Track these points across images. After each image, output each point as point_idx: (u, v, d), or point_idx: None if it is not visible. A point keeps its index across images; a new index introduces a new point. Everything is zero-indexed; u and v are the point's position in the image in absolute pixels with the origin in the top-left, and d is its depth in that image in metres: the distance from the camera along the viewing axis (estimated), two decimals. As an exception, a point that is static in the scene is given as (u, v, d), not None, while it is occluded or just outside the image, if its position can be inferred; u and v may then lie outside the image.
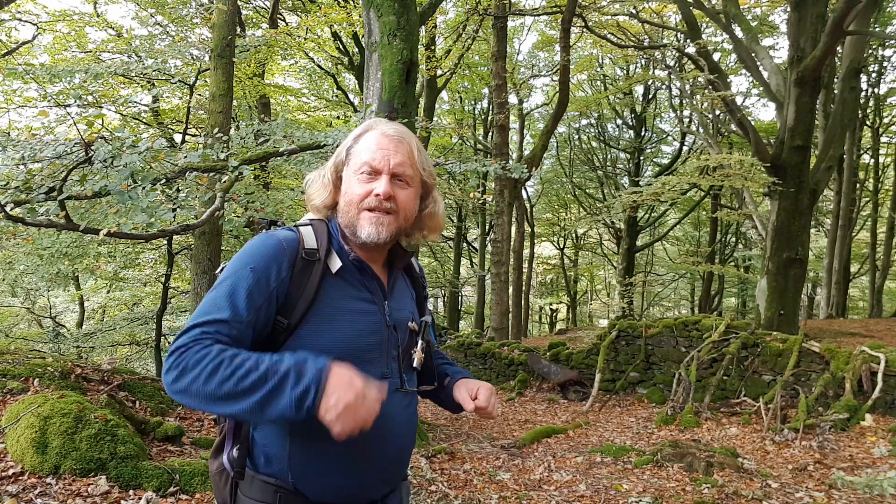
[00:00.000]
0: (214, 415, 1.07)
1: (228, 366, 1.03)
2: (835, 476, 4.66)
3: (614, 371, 8.73)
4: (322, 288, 1.21)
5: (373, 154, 1.26)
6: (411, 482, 4.05)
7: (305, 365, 1.03)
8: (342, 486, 1.21)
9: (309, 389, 1.01)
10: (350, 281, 1.26)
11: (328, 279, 1.23)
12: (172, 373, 1.05)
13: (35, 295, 14.24)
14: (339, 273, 1.24)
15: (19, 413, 3.18)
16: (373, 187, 1.25)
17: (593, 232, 25.24)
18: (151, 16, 11.44)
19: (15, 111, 10.41)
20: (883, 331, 10.48)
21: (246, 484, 1.22)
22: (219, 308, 1.12)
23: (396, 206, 1.26)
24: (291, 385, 1.01)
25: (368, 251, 1.29)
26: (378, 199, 1.24)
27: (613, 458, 5.29)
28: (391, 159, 1.26)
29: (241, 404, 1.01)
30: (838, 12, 8.16)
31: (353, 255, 1.27)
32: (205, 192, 5.36)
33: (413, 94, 5.49)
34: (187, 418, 4.40)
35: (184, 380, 1.03)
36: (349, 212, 1.27)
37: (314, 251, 1.23)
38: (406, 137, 1.30)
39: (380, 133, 1.29)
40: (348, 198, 1.27)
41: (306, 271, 1.21)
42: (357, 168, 1.27)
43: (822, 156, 10.13)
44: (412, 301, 1.43)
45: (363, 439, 1.18)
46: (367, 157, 1.26)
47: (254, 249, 1.21)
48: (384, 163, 1.25)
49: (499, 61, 12.51)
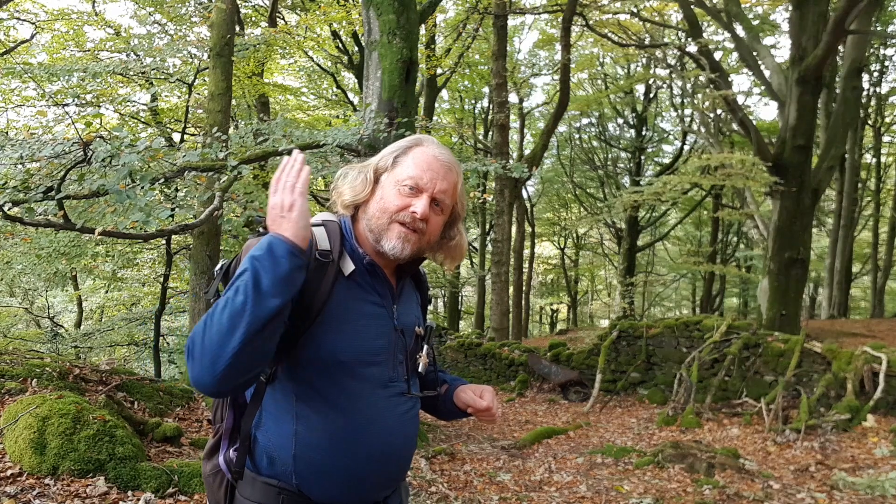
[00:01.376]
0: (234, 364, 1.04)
1: (217, 303, 1.06)
2: (836, 477, 4.64)
3: (615, 371, 8.71)
4: (335, 290, 1.21)
5: (422, 172, 1.26)
6: (411, 483, 4.04)
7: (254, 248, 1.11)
8: (346, 487, 1.21)
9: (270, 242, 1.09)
10: (361, 283, 1.26)
11: (340, 281, 1.23)
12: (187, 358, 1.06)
13: (33, 295, 14.23)
14: (351, 276, 1.25)
15: (17, 413, 3.17)
16: (412, 203, 1.25)
17: (594, 232, 25.23)
18: (150, 14, 11.41)
19: (13, 110, 10.40)
20: (885, 331, 10.46)
21: (245, 486, 1.22)
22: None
23: (426, 228, 1.27)
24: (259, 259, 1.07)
25: (383, 258, 1.29)
26: (414, 216, 1.24)
27: (614, 458, 5.26)
28: (438, 184, 1.27)
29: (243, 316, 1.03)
30: (840, 11, 8.14)
31: (367, 259, 1.27)
32: (203, 191, 5.34)
33: (413, 93, 5.47)
34: (186, 419, 4.38)
35: (195, 350, 1.04)
36: (380, 218, 1.26)
37: (328, 252, 1.23)
38: (455, 167, 1.32)
39: (432, 154, 1.29)
40: (383, 204, 1.26)
41: (319, 272, 1.21)
42: (401, 179, 1.26)
43: (824, 155, 10.11)
44: (418, 306, 1.43)
45: (368, 441, 1.19)
46: (414, 173, 1.26)
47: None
48: (430, 185, 1.26)
49: (499, 60, 12.49)
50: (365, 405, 1.21)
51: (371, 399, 1.23)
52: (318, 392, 1.19)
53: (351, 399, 1.20)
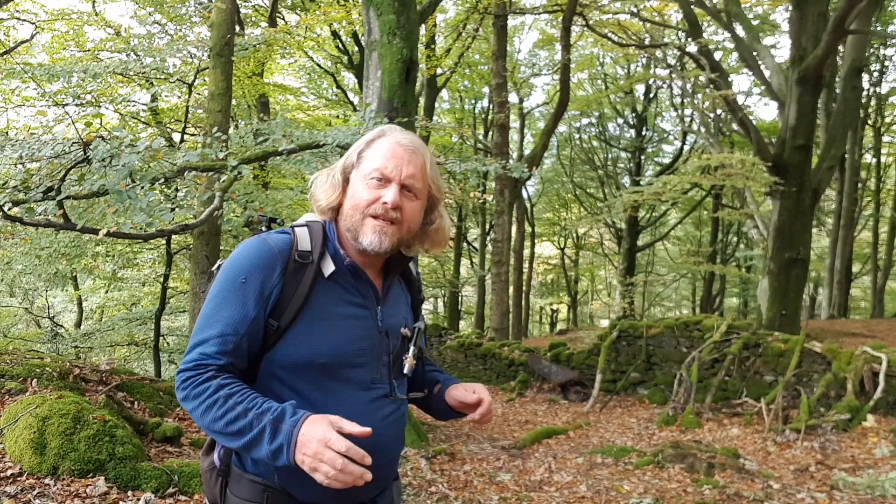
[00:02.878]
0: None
1: (221, 407, 1.12)
2: (836, 477, 4.64)
3: (615, 371, 8.71)
4: (313, 291, 1.21)
5: (385, 161, 1.25)
6: (411, 483, 4.03)
7: (282, 423, 1.09)
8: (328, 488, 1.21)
9: (282, 448, 1.07)
10: (343, 285, 1.25)
11: (320, 282, 1.23)
12: (180, 393, 1.17)
13: (33, 295, 14.22)
14: (331, 277, 1.24)
15: (17, 413, 3.17)
16: (381, 194, 1.24)
17: (594, 232, 25.22)
18: (150, 14, 11.40)
19: (13, 110, 10.40)
20: (885, 331, 10.46)
21: (234, 482, 1.24)
22: (214, 324, 1.19)
23: (401, 216, 1.25)
24: (268, 440, 1.08)
25: (366, 256, 1.28)
26: (385, 207, 1.23)
27: (614, 458, 5.26)
28: (403, 169, 1.25)
29: (229, 443, 1.14)
30: (840, 11, 8.14)
31: (349, 260, 1.26)
32: (203, 191, 5.34)
33: (413, 93, 5.47)
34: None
35: (187, 405, 1.16)
36: (353, 216, 1.25)
37: (307, 253, 1.23)
38: (420, 149, 1.29)
39: (394, 141, 1.28)
40: (354, 202, 1.26)
41: (298, 274, 1.21)
42: (367, 173, 1.26)
43: (824, 155, 10.10)
44: (407, 306, 1.41)
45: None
46: (378, 164, 1.25)
47: (245, 259, 1.22)
48: (396, 172, 1.24)
49: (499, 60, 12.49)
50: (347, 407, 1.20)
51: (353, 401, 1.23)
52: (299, 393, 1.20)
53: (332, 401, 1.21)
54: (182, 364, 1.18)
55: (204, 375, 1.15)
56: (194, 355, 1.17)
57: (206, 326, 1.19)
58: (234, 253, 1.24)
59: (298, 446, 1.06)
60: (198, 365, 1.16)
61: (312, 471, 1.05)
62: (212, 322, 1.18)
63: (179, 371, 1.18)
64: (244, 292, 1.18)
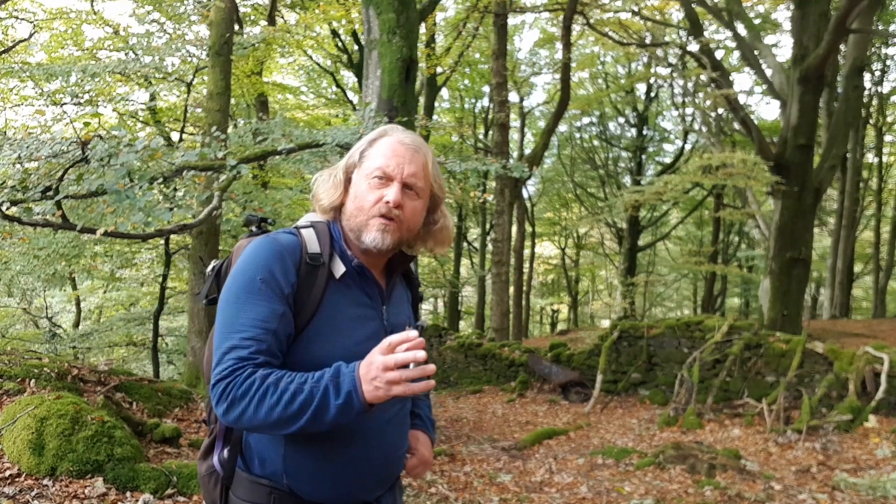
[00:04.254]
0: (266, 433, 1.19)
1: (274, 393, 1.08)
2: (838, 478, 4.63)
3: (616, 372, 8.68)
4: (325, 294, 1.21)
5: (387, 161, 1.25)
6: (411, 484, 4.02)
7: (340, 376, 1.10)
8: (336, 486, 1.23)
9: (350, 395, 1.07)
10: (351, 286, 1.26)
11: (331, 285, 1.23)
12: (222, 405, 1.11)
13: (31, 295, 14.20)
14: (341, 278, 1.24)
15: (16, 414, 3.15)
16: (383, 193, 1.24)
17: (595, 231, 25.19)
18: (149, 13, 11.38)
19: (11, 109, 10.38)
20: (887, 331, 10.44)
21: (238, 485, 1.24)
22: (242, 326, 1.15)
23: (402, 214, 1.25)
24: (334, 396, 1.08)
25: (370, 256, 1.29)
26: (388, 206, 1.23)
27: (615, 459, 5.24)
28: (405, 168, 1.25)
29: (295, 425, 1.09)
30: (841, 10, 8.12)
31: (356, 261, 1.26)
32: (202, 191, 5.32)
33: (413, 92, 5.45)
34: (184, 420, 4.37)
35: (235, 410, 1.10)
36: (357, 216, 1.26)
37: (318, 255, 1.23)
38: (422, 148, 1.30)
39: (396, 140, 1.28)
40: (358, 202, 1.26)
41: (311, 276, 1.21)
42: (369, 172, 1.26)
43: (826, 155, 10.09)
44: (408, 305, 1.43)
45: (357, 443, 1.21)
46: (380, 163, 1.25)
47: (262, 257, 1.20)
48: (398, 170, 1.25)
49: (499, 59, 12.46)
50: None
51: None
52: None
53: None
54: (215, 376, 1.13)
55: (243, 374, 1.10)
56: (228, 362, 1.12)
57: (232, 332, 1.14)
58: (248, 252, 1.22)
59: (364, 384, 1.07)
60: (235, 369, 1.11)
61: (388, 392, 1.06)
62: (239, 325, 1.14)
63: (214, 384, 1.12)
64: (266, 290, 1.16)
